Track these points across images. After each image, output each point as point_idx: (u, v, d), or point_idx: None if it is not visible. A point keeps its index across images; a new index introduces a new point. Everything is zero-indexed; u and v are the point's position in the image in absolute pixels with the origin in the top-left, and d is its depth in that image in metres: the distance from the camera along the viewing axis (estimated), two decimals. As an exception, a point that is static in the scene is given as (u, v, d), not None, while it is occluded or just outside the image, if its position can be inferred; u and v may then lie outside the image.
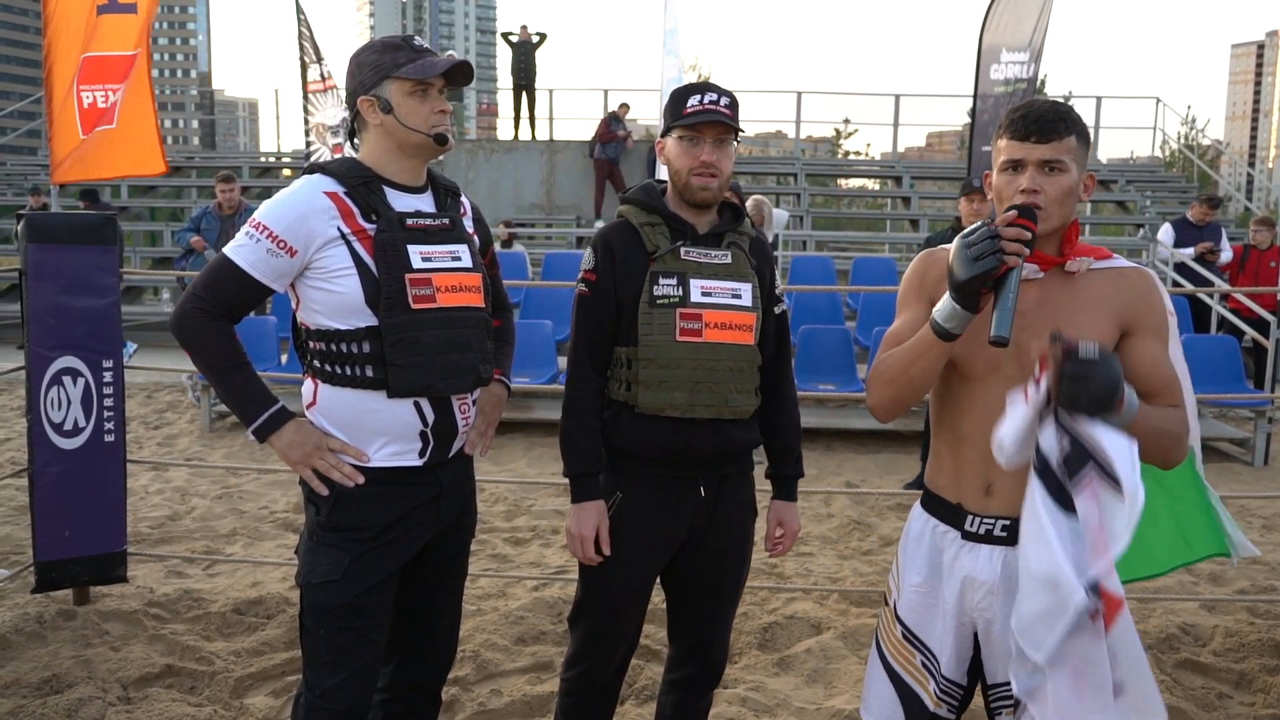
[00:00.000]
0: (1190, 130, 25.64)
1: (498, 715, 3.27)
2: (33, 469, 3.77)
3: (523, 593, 4.31)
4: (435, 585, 2.39)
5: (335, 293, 2.15)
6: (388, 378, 2.15)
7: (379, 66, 2.20)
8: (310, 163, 2.25)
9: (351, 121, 2.27)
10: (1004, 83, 8.24)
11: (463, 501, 2.38)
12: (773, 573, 4.80)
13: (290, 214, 2.13)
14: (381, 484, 2.20)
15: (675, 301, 2.29)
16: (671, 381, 2.29)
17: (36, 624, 3.78)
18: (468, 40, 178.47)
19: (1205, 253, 9.40)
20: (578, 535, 2.36)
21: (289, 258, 2.14)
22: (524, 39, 16.62)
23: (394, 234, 2.17)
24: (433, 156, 2.31)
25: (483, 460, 7.08)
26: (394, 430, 2.20)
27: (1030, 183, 1.87)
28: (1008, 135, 1.91)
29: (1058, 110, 1.90)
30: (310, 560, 2.22)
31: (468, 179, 15.78)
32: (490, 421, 2.44)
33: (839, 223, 21.69)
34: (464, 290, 2.26)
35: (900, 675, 2.11)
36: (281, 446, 2.18)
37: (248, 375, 2.19)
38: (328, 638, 2.19)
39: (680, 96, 2.32)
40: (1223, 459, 7.63)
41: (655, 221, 2.36)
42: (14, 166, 19.60)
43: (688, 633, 2.53)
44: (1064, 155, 1.87)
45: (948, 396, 2.05)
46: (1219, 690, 3.51)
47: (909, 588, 2.09)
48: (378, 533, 2.19)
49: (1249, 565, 5.03)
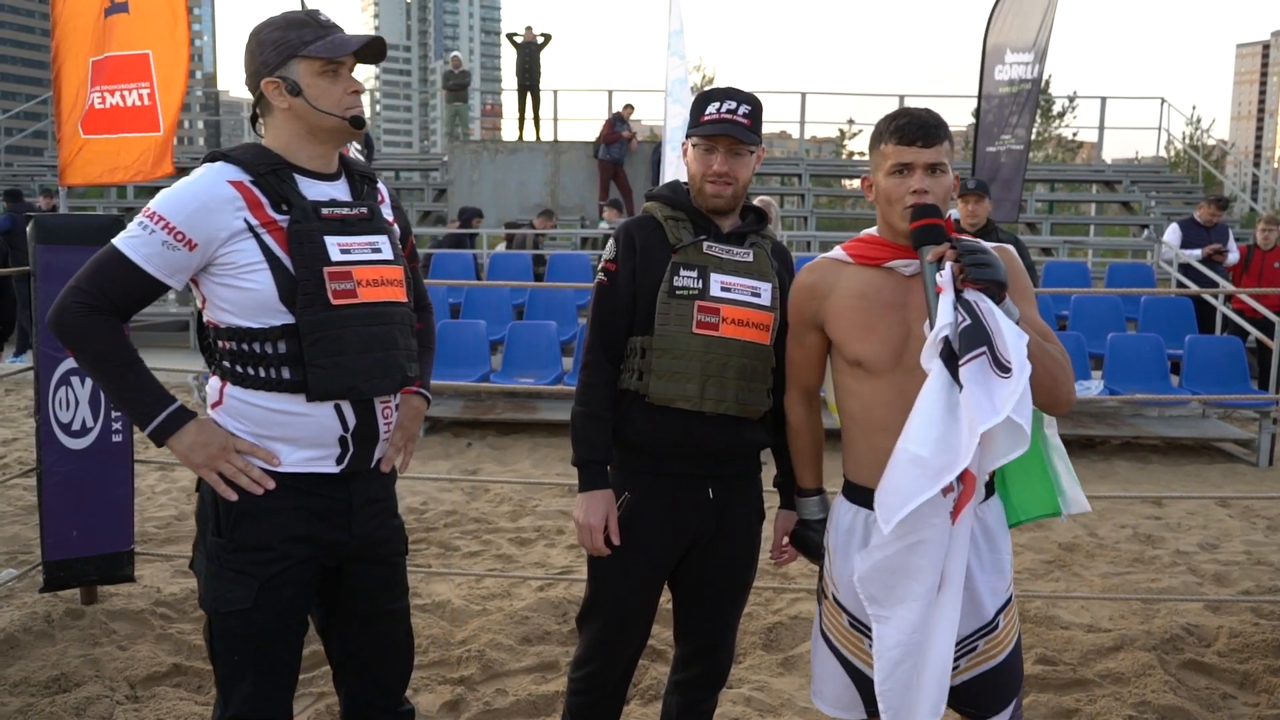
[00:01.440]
0: (1195, 130, 25.59)
1: (503, 715, 3.28)
2: (41, 469, 3.78)
3: (528, 593, 4.32)
4: (378, 612, 2.22)
5: (245, 290, 1.99)
6: (307, 380, 1.99)
7: (283, 45, 2.03)
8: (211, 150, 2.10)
9: (254, 105, 2.11)
10: (1008, 83, 8.25)
11: (379, 523, 2.19)
12: (777, 573, 4.81)
13: (190, 204, 1.96)
14: (290, 491, 2.04)
15: (694, 293, 2.29)
16: (684, 373, 2.28)
17: (45, 623, 3.80)
18: (472, 41, 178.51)
19: (1213, 254, 9.39)
20: (586, 525, 2.33)
21: (187, 251, 1.96)
22: (528, 40, 16.65)
23: (309, 224, 2.01)
24: (346, 140, 2.16)
25: (488, 461, 7.11)
26: (310, 436, 2.04)
27: (920, 184, 2.04)
28: (894, 141, 2.06)
29: (936, 117, 2.07)
30: (214, 586, 2.04)
31: (472, 180, 15.81)
32: (409, 435, 2.29)
33: (843, 223, 21.67)
34: (386, 284, 2.11)
35: (850, 660, 2.19)
36: (183, 449, 2.00)
37: (140, 373, 2.01)
38: (243, 663, 2.05)
39: (701, 102, 2.33)
40: (1227, 459, 7.63)
41: (680, 217, 2.37)
42: (20, 167, 19.66)
43: (695, 635, 2.53)
44: (944, 158, 2.06)
45: (858, 392, 2.15)
46: (1223, 691, 3.51)
47: (844, 575, 2.15)
48: (286, 551, 2.03)
49: (1253, 566, 5.03)
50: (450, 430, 8.04)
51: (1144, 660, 3.63)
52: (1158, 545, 5.39)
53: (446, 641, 3.78)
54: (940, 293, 1.93)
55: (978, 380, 1.86)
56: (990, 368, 1.87)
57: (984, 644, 2.12)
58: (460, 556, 4.99)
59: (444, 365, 8.29)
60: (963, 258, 1.94)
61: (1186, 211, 12.64)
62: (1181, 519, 5.91)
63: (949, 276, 1.94)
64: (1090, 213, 17.91)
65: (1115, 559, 5.12)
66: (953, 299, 1.92)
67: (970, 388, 1.85)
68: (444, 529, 5.44)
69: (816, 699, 2.30)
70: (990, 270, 1.93)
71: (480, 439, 7.79)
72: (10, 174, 18.75)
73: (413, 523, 5.52)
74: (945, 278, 1.94)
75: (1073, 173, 19.29)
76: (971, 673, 2.14)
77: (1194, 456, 7.69)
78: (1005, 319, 1.92)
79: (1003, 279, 1.95)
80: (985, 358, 1.87)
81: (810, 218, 16.09)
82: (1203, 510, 6.11)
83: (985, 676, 2.14)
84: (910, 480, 1.89)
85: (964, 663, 2.12)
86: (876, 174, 2.11)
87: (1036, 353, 1.95)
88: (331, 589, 2.19)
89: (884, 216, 2.12)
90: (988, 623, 2.12)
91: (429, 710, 3.28)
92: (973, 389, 1.85)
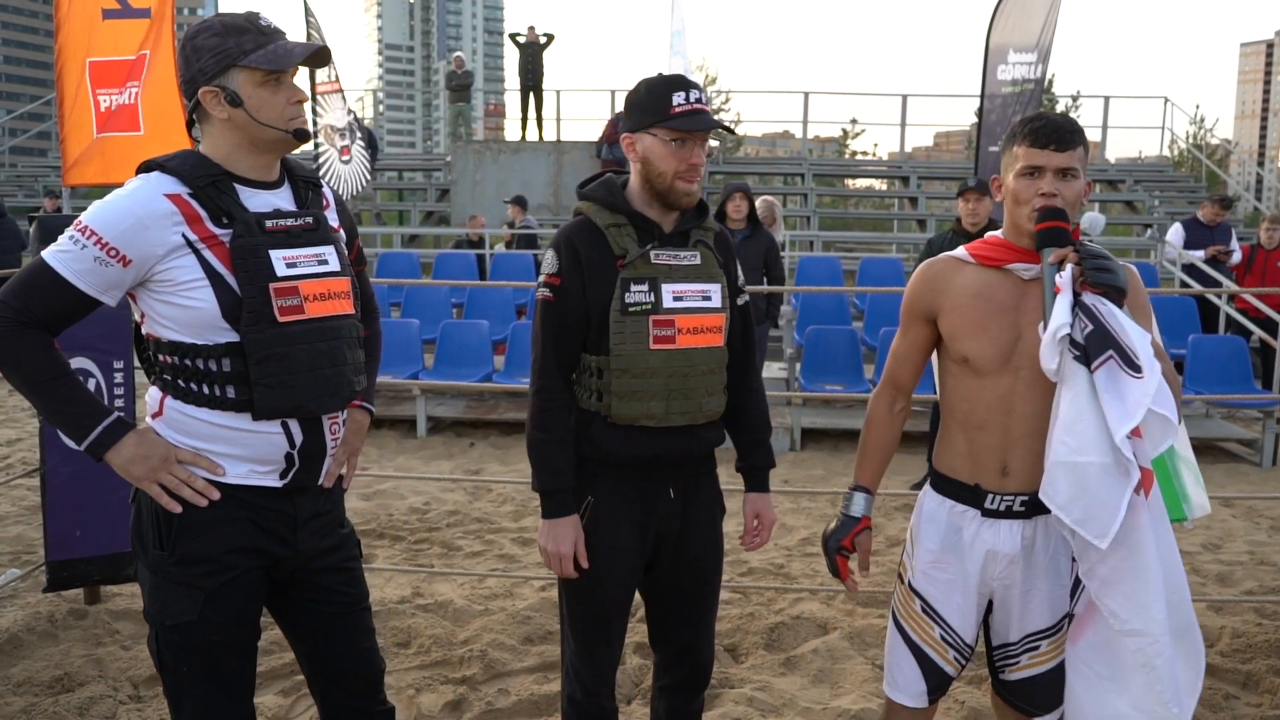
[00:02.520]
0: (1199, 130, 25.58)
1: (505, 715, 3.29)
2: (44, 469, 3.79)
3: (530, 593, 4.32)
4: (338, 620, 2.16)
5: (186, 307, 1.91)
6: (253, 399, 1.93)
7: (221, 52, 1.92)
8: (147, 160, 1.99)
9: (190, 112, 2.00)
10: (1011, 83, 8.24)
11: (326, 535, 2.13)
12: (779, 573, 4.81)
13: (124, 219, 1.87)
14: (233, 502, 1.97)
15: (648, 309, 2.20)
16: (646, 391, 2.22)
17: (48, 623, 3.81)
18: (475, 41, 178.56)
19: (1217, 254, 9.38)
20: (555, 553, 2.26)
21: (121, 268, 1.87)
22: (531, 40, 16.67)
23: (253, 239, 1.93)
24: (288, 151, 2.06)
25: (490, 460, 7.12)
26: (255, 452, 1.98)
27: (1050, 187, 2.04)
28: (1027, 143, 2.06)
29: (1072, 123, 2.08)
30: (158, 599, 1.98)
31: (475, 180, 15.82)
32: (353, 451, 2.23)
33: (846, 223, 21.68)
34: (334, 297, 2.04)
35: (922, 648, 2.24)
36: (122, 462, 1.91)
37: (73, 386, 1.92)
38: (192, 675, 2.00)
39: (661, 93, 2.20)
40: (1231, 459, 7.61)
41: (620, 222, 2.24)
42: (24, 168, 19.71)
43: (674, 637, 2.48)
44: (1076, 164, 2.06)
45: (961, 389, 2.18)
46: (1226, 691, 3.51)
47: (924, 561, 2.23)
48: (230, 562, 1.97)
49: (1256, 566, 5.02)
50: (453, 430, 8.05)
51: (1147, 660, 3.62)
52: (1161, 545, 5.37)
53: (449, 641, 3.79)
54: (1059, 293, 1.97)
55: (1110, 386, 1.91)
56: (1121, 369, 1.91)
57: (1047, 644, 2.18)
58: (463, 556, 4.99)
59: (447, 365, 8.31)
60: (1084, 261, 1.99)
61: (1190, 211, 12.61)
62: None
63: (1069, 278, 1.98)
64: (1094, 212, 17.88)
65: (1118, 559, 5.11)
66: (1070, 300, 1.96)
67: (1104, 395, 1.90)
68: (446, 529, 5.44)
69: (889, 688, 2.31)
70: (1110, 275, 1.98)
71: (483, 439, 7.80)
72: (15, 175, 18.80)
73: (415, 522, 5.52)
74: (1065, 279, 1.98)
75: (1076, 172, 19.23)
76: (1031, 670, 2.19)
77: (1197, 456, 7.64)
78: (1126, 318, 1.95)
79: (1123, 285, 2.00)
80: (1114, 360, 1.91)
81: (813, 217, 16.09)
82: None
83: (1043, 676, 2.19)
84: (1110, 490, 1.91)
85: (1025, 659, 2.19)
86: (1006, 175, 2.13)
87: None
88: (288, 600, 2.14)
89: (1011, 217, 2.13)
90: (1054, 624, 2.17)
91: (431, 710, 3.28)
92: (1107, 396, 1.90)
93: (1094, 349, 1.91)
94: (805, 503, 6.00)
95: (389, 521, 5.51)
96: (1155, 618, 1.92)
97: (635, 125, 2.25)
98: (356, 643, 2.19)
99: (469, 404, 8.38)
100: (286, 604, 2.15)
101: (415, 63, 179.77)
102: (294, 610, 2.15)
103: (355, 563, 2.21)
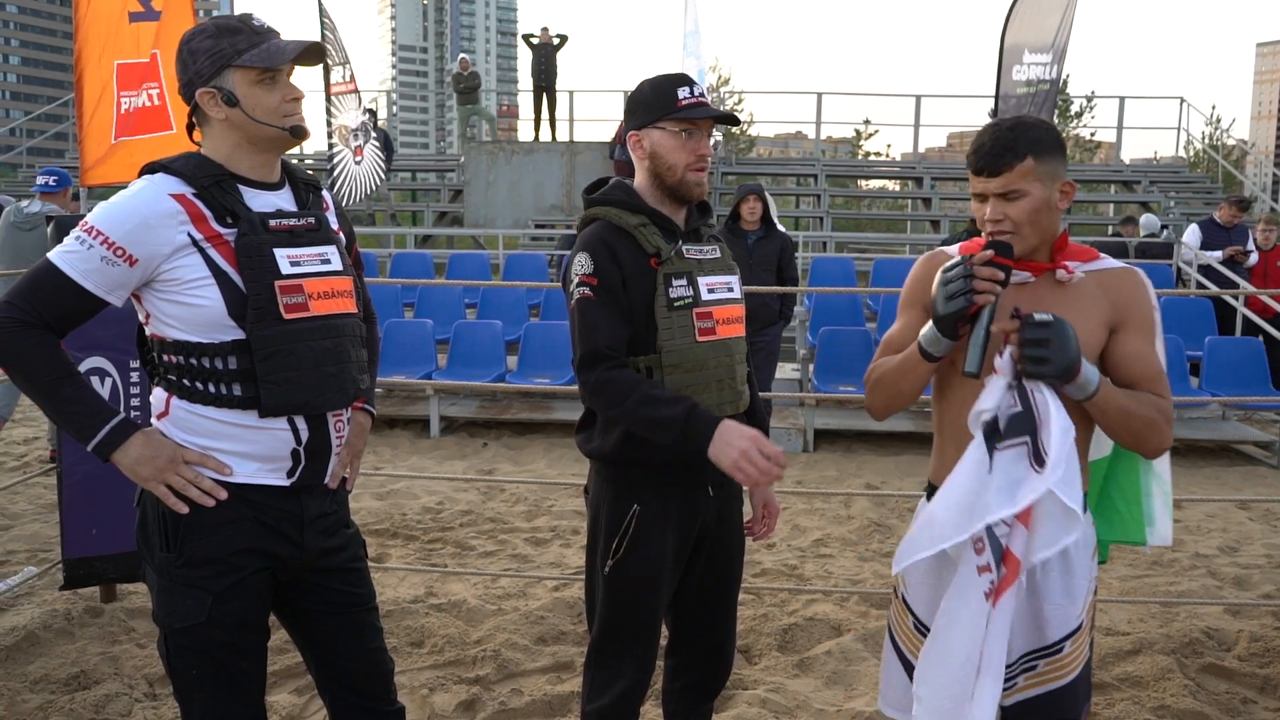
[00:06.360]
0: (1215, 130, 25.41)
1: (518, 714, 3.29)
2: (61, 467, 3.82)
3: (543, 593, 4.33)
4: (344, 621, 2.16)
5: (193, 306, 1.93)
6: (259, 396, 1.94)
7: (216, 54, 1.95)
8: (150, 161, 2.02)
9: (190, 115, 2.04)
10: (1026, 84, 8.20)
11: (332, 535, 2.13)
12: (793, 574, 4.80)
13: (131, 219, 1.89)
14: (240, 502, 1.98)
15: (690, 302, 2.24)
16: (699, 384, 2.23)
17: (64, 620, 3.83)
18: (488, 42, 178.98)
19: (1235, 254, 9.34)
20: (746, 451, 2.05)
21: (128, 267, 1.89)
22: (545, 41, 16.69)
23: (257, 237, 1.95)
24: (286, 149, 2.08)
25: (504, 460, 7.12)
26: (262, 449, 1.99)
27: (993, 213, 1.98)
28: (970, 168, 2.01)
29: (1004, 141, 1.96)
30: (166, 601, 1.99)
31: (488, 180, 15.85)
32: (355, 452, 2.23)
33: (859, 224, 21.61)
34: (337, 296, 2.07)
35: (914, 664, 2.14)
36: (129, 463, 1.93)
37: (79, 386, 1.93)
38: (201, 677, 2.00)
39: (667, 89, 2.23)
40: (1248, 462, 7.56)
41: (644, 222, 2.25)
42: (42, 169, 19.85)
43: (702, 638, 2.47)
44: (1018, 183, 1.96)
45: (953, 397, 2.12)
46: (1243, 695, 3.48)
47: (917, 578, 2.15)
48: (237, 563, 1.98)
49: (1274, 570, 4.98)
50: (466, 430, 8.06)
51: (1163, 664, 3.60)
52: (1177, 548, 5.34)
53: (462, 641, 3.80)
54: (996, 375, 1.93)
55: (1008, 470, 1.90)
56: (1027, 459, 1.90)
57: (1044, 664, 2.07)
58: (476, 556, 5.00)
59: (460, 365, 8.32)
60: (1024, 346, 1.89)
61: (1206, 212, 12.55)
62: (1201, 522, 5.87)
63: (1008, 363, 1.92)
64: (1109, 213, 17.79)
65: (1134, 562, 5.08)
66: (1005, 383, 1.92)
67: (998, 475, 1.90)
68: (460, 529, 5.45)
69: (882, 702, 2.25)
70: (1046, 367, 1.87)
71: (496, 439, 7.81)
72: (32, 176, 18.93)
73: (429, 522, 5.54)
74: (1004, 363, 1.92)
75: (1091, 173, 19.17)
76: (1029, 692, 2.08)
77: (1213, 459, 7.63)
78: (1058, 409, 1.89)
79: (1063, 371, 1.87)
80: (1025, 448, 1.90)
81: (826, 218, 16.05)
82: (1222, 513, 6.06)
83: (1042, 699, 2.07)
84: (920, 534, 1.98)
85: (1022, 680, 2.08)
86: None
87: (1115, 414, 1.94)
88: (294, 601, 2.14)
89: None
90: (1050, 645, 2.06)
91: (444, 709, 3.29)
92: (999, 477, 1.90)
93: (1012, 429, 1.90)
94: (818, 504, 5.98)
95: (402, 521, 5.53)
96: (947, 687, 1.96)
97: (642, 122, 2.27)
98: (364, 643, 2.19)
99: (482, 404, 8.39)
100: (293, 605, 2.15)
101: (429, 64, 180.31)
102: (300, 611, 2.16)
103: (361, 563, 2.22)
